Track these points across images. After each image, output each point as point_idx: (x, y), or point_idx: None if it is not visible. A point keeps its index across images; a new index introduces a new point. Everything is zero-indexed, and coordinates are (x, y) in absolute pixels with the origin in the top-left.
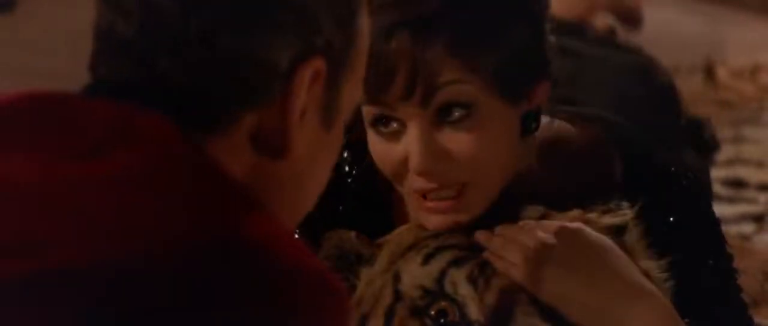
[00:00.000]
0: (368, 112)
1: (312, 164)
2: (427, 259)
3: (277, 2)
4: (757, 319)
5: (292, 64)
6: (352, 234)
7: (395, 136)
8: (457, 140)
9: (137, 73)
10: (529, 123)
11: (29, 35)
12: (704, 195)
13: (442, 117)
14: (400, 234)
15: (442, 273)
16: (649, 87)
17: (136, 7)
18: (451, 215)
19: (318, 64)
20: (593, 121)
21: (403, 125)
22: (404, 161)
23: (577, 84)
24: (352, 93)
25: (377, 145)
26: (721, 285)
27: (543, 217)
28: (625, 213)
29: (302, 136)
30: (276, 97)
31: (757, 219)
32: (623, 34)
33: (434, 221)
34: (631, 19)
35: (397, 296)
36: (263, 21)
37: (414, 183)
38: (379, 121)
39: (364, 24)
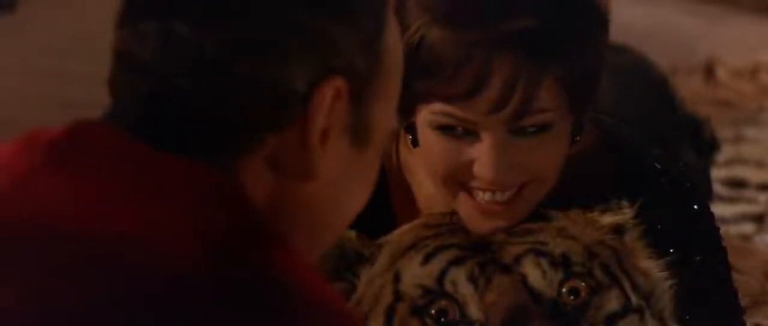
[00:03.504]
0: (436, 118)
1: (345, 185)
2: (427, 259)
3: (291, 27)
4: (757, 319)
5: (310, 86)
6: (353, 233)
7: (464, 139)
8: (528, 153)
9: (155, 95)
10: (575, 134)
11: (29, 35)
12: (694, 192)
13: (516, 130)
14: (401, 234)
15: (443, 273)
16: (645, 85)
17: (153, 31)
18: (500, 218)
19: (338, 84)
20: (590, 123)
21: (474, 134)
22: (469, 164)
23: None
24: (386, 112)
25: (440, 144)
26: (713, 284)
27: (543, 217)
28: (624, 213)
29: (328, 157)
30: (296, 119)
31: (757, 219)
32: None
33: (483, 225)
34: None
35: (398, 296)
36: (278, 46)
37: (474, 182)
38: (447, 128)
39: (392, 43)
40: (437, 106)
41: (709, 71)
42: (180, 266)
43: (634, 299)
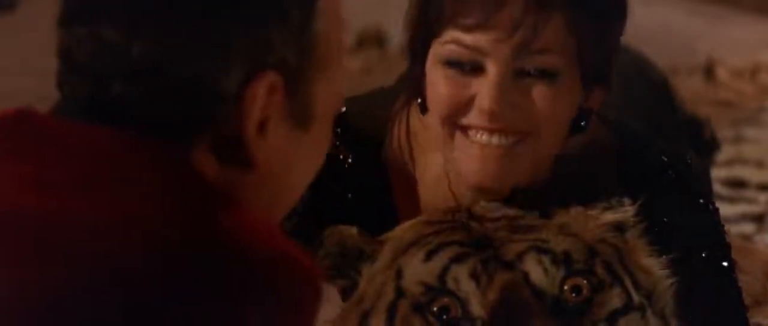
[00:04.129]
0: (446, 49)
1: (290, 165)
2: (429, 255)
3: (217, 30)
4: (758, 319)
5: (242, 83)
6: (354, 230)
7: (470, 74)
8: (529, 97)
9: (94, 93)
10: (579, 120)
11: (29, 35)
12: (699, 183)
13: (521, 71)
14: (402, 231)
15: (445, 270)
16: (645, 85)
17: (85, 36)
18: (495, 166)
19: (271, 78)
20: (595, 118)
21: (481, 68)
22: (471, 99)
23: None
24: (328, 90)
25: (447, 77)
26: (717, 280)
27: (545, 214)
28: (625, 210)
29: (268, 145)
30: (231, 115)
31: (757, 219)
32: None
33: (478, 172)
34: None
35: (399, 292)
36: (207, 48)
37: (474, 119)
38: (455, 63)
39: (325, 27)
40: (448, 35)
41: (709, 71)
42: (148, 245)
43: (635, 296)
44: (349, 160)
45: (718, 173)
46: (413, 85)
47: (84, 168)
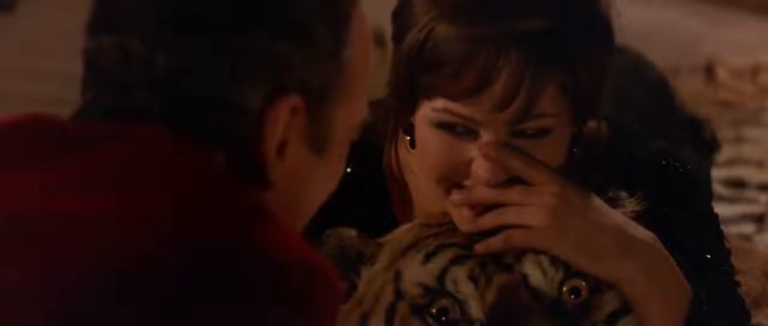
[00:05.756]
0: (437, 115)
1: (305, 187)
2: (428, 258)
3: (241, 50)
4: (758, 319)
5: (264, 104)
6: (353, 232)
7: (463, 137)
8: (525, 149)
9: (117, 101)
10: (573, 146)
11: (29, 36)
12: (699, 186)
13: (515, 131)
14: (401, 233)
15: (443, 272)
16: (643, 85)
17: (111, 45)
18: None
19: (293, 101)
20: (596, 122)
21: (474, 133)
22: (466, 163)
23: None
24: (349, 116)
25: (439, 141)
26: (719, 280)
27: None
28: (624, 206)
29: (285, 167)
30: (250, 135)
31: (758, 219)
32: None
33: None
34: None
35: (398, 294)
36: (227, 65)
37: (469, 182)
38: (447, 126)
39: (355, 53)
40: (439, 103)
41: (709, 71)
42: (162, 243)
43: None
44: (348, 169)
45: (718, 173)
46: (402, 122)
47: (103, 168)
